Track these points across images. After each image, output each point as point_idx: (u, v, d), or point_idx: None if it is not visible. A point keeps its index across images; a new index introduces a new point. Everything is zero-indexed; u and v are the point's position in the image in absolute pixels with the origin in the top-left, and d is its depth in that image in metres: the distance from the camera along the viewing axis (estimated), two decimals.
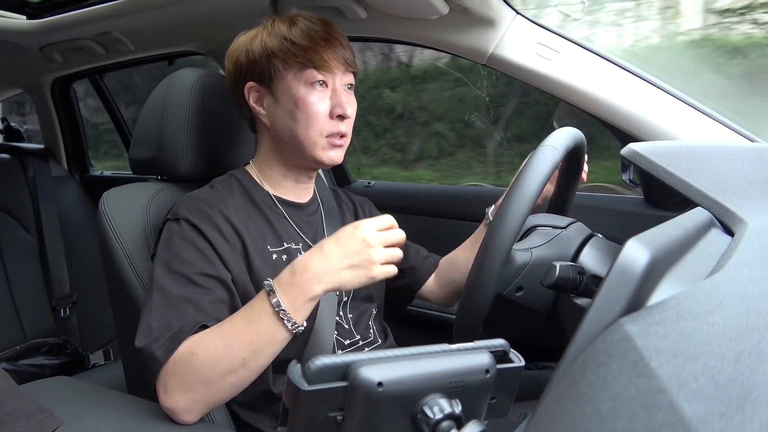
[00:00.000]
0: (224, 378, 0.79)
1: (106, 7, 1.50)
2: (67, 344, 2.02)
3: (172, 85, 1.12)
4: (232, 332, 0.80)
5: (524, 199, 0.72)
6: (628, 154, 0.80)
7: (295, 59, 0.93)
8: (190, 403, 0.79)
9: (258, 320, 0.79)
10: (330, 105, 0.95)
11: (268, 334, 0.79)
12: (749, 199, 0.67)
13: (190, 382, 0.79)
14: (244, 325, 0.80)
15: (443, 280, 1.18)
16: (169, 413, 0.80)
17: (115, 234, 1.03)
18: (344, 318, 1.02)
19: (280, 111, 0.97)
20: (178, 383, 0.79)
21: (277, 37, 0.95)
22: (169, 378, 0.79)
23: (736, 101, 1.25)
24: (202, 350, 0.79)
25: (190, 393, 0.79)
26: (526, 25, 1.18)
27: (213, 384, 0.79)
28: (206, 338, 0.80)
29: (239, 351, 0.79)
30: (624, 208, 1.30)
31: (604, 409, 0.32)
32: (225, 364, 0.78)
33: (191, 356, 0.79)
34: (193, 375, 0.78)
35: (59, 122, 2.35)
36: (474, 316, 0.73)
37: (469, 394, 0.47)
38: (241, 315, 0.82)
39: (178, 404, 0.79)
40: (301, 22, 0.96)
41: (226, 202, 0.96)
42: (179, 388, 0.79)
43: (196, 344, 0.80)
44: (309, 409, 0.43)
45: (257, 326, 0.79)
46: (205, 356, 0.78)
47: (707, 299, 0.41)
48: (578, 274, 0.72)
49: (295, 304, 0.79)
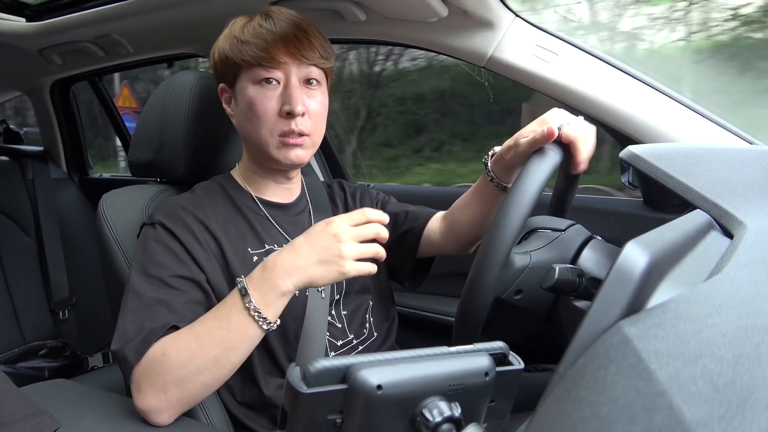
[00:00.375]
0: (196, 377, 0.79)
1: (106, 9, 1.50)
2: (65, 347, 2.01)
3: (171, 87, 1.12)
4: (203, 330, 0.80)
5: (523, 202, 0.72)
6: (627, 157, 0.80)
7: (242, 58, 0.92)
8: (161, 404, 0.79)
9: (229, 317, 0.79)
10: (279, 103, 0.93)
11: (239, 330, 0.79)
12: (748, 201, 0.67)
13: (161, 382, 0.78)
14: (216, 323, 0.80)
15: (451, 234, 1.07)
16: (143, 414, 0.80)
17: (114, 236, 1.03)
18: (337, 317, 1.01)
19: (239, 112, 0.98)
20: (150, 384, 0.78)
21: (230, 38, 0.95)
22: (141, 379, 0.79)
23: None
24: (173, 350, 0.79)
25: (161, 393, 0.78)
26: (525, 27, 1.18)
27: (185, 383, 0.79)
28: (178, 338, 0.80)
29: (211, 349, 0.78)
30: (623, 211, 1.30)
31: (604, 412, 0.32)
32: (197, 363, 0.78)
33: (162, 357, 0.79)
34: (165, 375, 0.78)
35: (58, 124, 2.35)
36: (473, 319, 0.72)
37: (469, 397, 0.47)
38: (212, 313, 0.82)
39: (150, 405, 0.79)
40: (256, 20, 0.95)
41: (204, 208, 0.96)
42: (151, 389, 0.78)
43: (167, 345, 0.80)
44: (308, 412, 0.43)
45: (228, 323, 0.79)
46: (176, 356, 0.78)
47: (706, 302, 0.41)
48: (577, 276, 0.72)
49: (265, 300, 0.78)
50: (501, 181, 0.95)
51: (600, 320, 0.43)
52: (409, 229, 1.11)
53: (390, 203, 1.18)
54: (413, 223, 1.11)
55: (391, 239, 1.11)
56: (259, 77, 0.92)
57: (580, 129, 0.82)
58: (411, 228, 1.11)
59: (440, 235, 1.08)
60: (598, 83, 1.12)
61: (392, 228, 1.11)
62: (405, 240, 1.11)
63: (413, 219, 1.11)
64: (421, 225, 1.10)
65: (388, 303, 1.13)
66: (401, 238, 1.11)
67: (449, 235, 1.07)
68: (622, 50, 1.46)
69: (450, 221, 1.07)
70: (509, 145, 0.89)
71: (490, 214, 1.00)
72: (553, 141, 0.81)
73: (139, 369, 0.79)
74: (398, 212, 1.13)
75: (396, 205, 1.17)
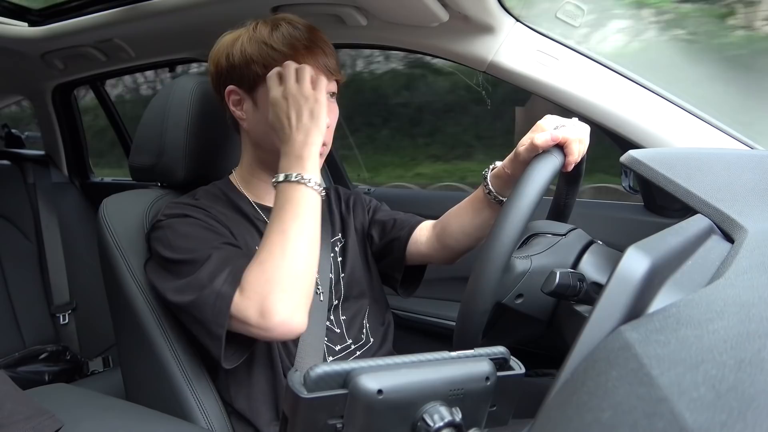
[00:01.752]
0: (298, 261, 0.82)
1: (108, 14, 1.51)
2: (66, 351, 2.01)
3: (171, 92, 1.12)
4: (275, 224, 0.84)
5: (523, 206, 0.72)
6: (627, 161, 0.80)
7: (276, 66, 0.92)
8: (289, 305, 0.80)
9: (288, 199, 0.85)
10: None
11: (302, 199, 0.85)
12: (749, 206, 0.67)
13: (278, 284, 0.80)
14: (279, 211, 0.85)
15: (438, 244, 1.09)
16: (279, 332, 0.80)
17: (115, 241, 1.03)
18: (335, 322, 1.02)
19: (260, 117, 0.97)
20: (267, 294, 0.79)
21: (258, 42, 0.94)
22: (258, 298, 0.79)
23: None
24: (265, 254, 0.82)
25: (283, 294, 0.80)
26: (525, 32, 1.18)
27: (296, 272, 0.82)
28: (261, 249, 0.83)
29: (291, 230, 0.83)
30: (624, 215, 1.30)
31: (605, 418, 0.32)
32: (291, 248, 0.82)
33: (261, 265, 0.81)
34: (276, 275, 0.80)
35: (60, 129, 2.35)
36: (474, 323, 0.72)
37: (470, 402, 0.47)
38: (276, 213, 0.86)
39: (281, 314, 0.79)
40: (283, 27, 0.95)
41: (210, 209, 0.97)
42: (272, 298, 0.79)
43: (256, 258, 0.82)
44: (308, 416, 0.43)
45: (290, 203, 0.85)
46: (270, 256, 0.81)
47: (708, 307, 0.41)
48: (578, 281, 0.71)
49: (313, 169, 0.87)
50: (498, 195, 0.96)
51: (601, 325, 0.43)
52: (396, 237, 1.12)
53: (380, 210, 1.19)
54: (399, 232, 1.12)
55: (380, 247, 1.13)
56: None
57: (573, 130, 0.83)
58: (397, 237, 1.11)
59: (427, 243, 1.09)
60: (599, 88, 1.13)
61: (380, 236, 1.13)
62: (392, 248, 1.12)
63: (400, 228, 1.12)
64: (407, 234, 1.11)
65: (383, 308, 1.14)
66: (389, 246, 1.12)
67: (437, 244, 1.08)
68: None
69: (440, 230, 1.07)
70: (510, 159, 0.91)
71: (482, 227, 1.01)
72: (553, 147, 0.81)
73: (246, 293, 0.80)
74: (386, 220, 1.14)
75: (386, 213, 1.18)
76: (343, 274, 1.07)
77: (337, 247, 1.10)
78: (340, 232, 1.12)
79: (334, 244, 1.09)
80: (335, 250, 1.09)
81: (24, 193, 2.17)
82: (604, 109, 1.11)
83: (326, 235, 1.07)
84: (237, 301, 0.80)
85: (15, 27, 1.72)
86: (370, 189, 1.80)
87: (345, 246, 1.11)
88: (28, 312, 2.03)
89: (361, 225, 1.15)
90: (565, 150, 0.82)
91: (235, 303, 0.80)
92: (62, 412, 0.79)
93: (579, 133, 0.84)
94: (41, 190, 2.20)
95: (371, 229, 1.15)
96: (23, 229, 2.13)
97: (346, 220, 1.14)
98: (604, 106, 1.11)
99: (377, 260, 1.15)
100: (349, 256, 1.09)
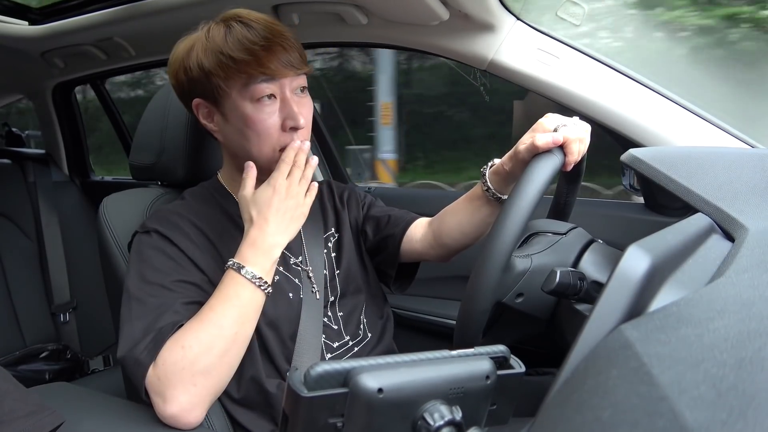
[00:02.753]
0: (222, 360, 0.80)
1: (108, 13, 1.50)
2: (66, 350, 2.01)
3: (172, 91, 1.12)
4: (216, 314, 0.82)
5: (524, 205, 0.72)
6: (628, 160, 0.80)
7: (237, 75, 0.87)
8: (193, 399, 0.78)
9: (237, 294, 0.83)
10: (281, 118, 0.90)
11: (250, 302, 0.84)
12: (750, 204, 0.67)
13: (188, 376, 0.78)
14: (226, 303, 0.82)
15: (434, 241, 1.07)
16: (174, 421, 0.78)
17: (115, 240, 1.03)
18: (333, 318, 1.02)
19: (231, 129, 0.93)
20: (175, 382, 0.77)
21: (213, 52, 0.88)
22: (163, 381, 0.78)
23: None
24: (193, 341, 0.79)
25: (191, 388, 0.78)
26: (526, 30, 1.18)
27: (213, 370, 0.79)
28: (191, 329, 0.81)
29: (229, 328, 0.81)
30: (624, 214, 1.30)
31: (605, 417, 0.32)
32: (220, 345, 0.80)
33: (183, 350, 0.79)
34: (191, 367, 0.78)
35: (60, 127, 2.35)
36: (474, 322, 0.72)
37: (470, 401, 0.47)
38: (217, 298, 0.83)
39: (181, 405, 0.78)
40: (236, 30, 0.88)
41: (198, 213, 0.96)
42: (179, 388, 0.77)
43: (183, 338, 0.80)
44: (309, 415, 0.43)
45: (238, 299, 0.83)
46: (198, 344, 0.79)
47: (708, 305, 0.41)
48: (579, 280, 0.71)
49: (264, 268, 0.86)
50: (497, 192, 0.95)
51: (601, 324, 0.43)
52: (390, 234, 1.10)
53: (375, 206, 1.18)
54: (394, 228, 1.11)
55: (374, 243, 1.12)
56: (258, 95, 0.88)
57: (574, 130, 0.83)
58: (392, 233, 1.10)
59: (422, 240, 1.08)
60: (600, 86, 1.13)
61: (375, 232, 1.13)
62: (386, 244, 1.11)
63: (394, 224, 1.11)
64: (401, 231, 1.10)
65: (380, 302, 1.13)
66: (383, 243, 1.12)
67: (433, 241, 1.07)
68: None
69: (436, 227, 1.06)
70: (509, 156, 0.90)
71: (479, 225, 1.00)
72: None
73: (158, 371, 0.78)
74: (381, 216, 1.13)
75: (380, 209, 1.17)
76: (339, 270, 1.06)
77: (331, 242, 1.09)
78: (334, 227, 1.11)
79: (327, 239, 1.09)
80: (328, 246, 1.08)
81: (24, 192, 2.17)
82: (605, 107, 1.11)
83: (318, 232, 1.07)
84: (150, 374, 0.79)
85: (15, 25, 1.72)
86: (370, 188, 1.80)
87: (340, 241, 1.10)
88: (28, 311, 2.04)
89: (356, 220, 1.14)
90: (565, 150, 0.82)
91: (148, 376, 0.79)
92: (63, 411, 0.79)
93: (579, 132, 0.83)
94: (42, 189, 2.20)
95: (365, 224, 1.14)
96: (24, 228, 2.13)
97: (341, 215, 1.13)
98: (605, 104, 1.11)
99: (371, 256, 1.15)
100: (344, 252, 1.09)
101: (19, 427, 0.66)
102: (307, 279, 1.01)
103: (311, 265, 1.02)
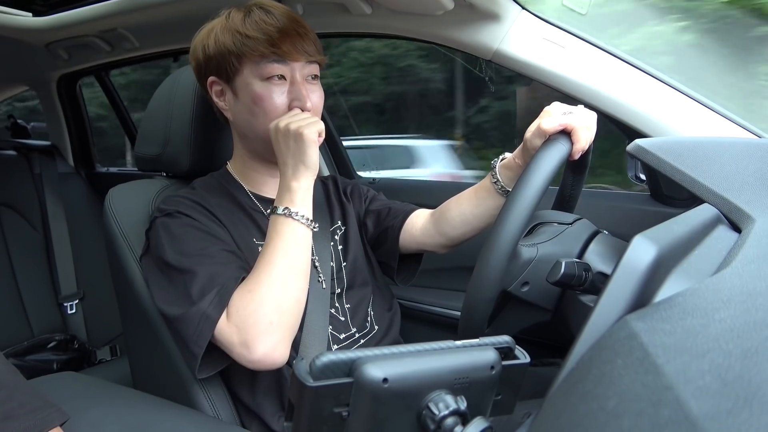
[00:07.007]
0: (288, 294, 0.84)
1: (112, 4, 1.50)
2: (73, 340, 2.03)
3: (176, 82, 1.12)
4: (265, 257, 0.86)
5: (531, 193, 0.72)
6: (634, 150, 0.79)
7: (250, 54, 0.91)
8: (275, 337, 0.81)
9: (284, 235, 0.87)
10: (288, 98, 0.94)
11: (298, 238, 0.88)
12: (757, 195, 0.67)
13: (263, 316, 0.81)
14: (272, 245, 0.86)
15: (435, 231, 1.08)
16: (261, 364, 0.82)
17: (121, 230, 1.04)
18: (340, 310, 1.02)
19: (240, 107, 0.97)
20: (253, 325, 0.80)
21: (231, 31, 0.93)
22: (244, 328, 0.80)
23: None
24: (256, 286, 0.82)
25: (269, 327, 0.81)
26: (531, 20, 1.17)
27: (283, 305, 0.83)
28: (252, 276, 0.84)
29: (282, 264, 0.84)
30: (630, 205, 1.29)
31: (611, 406, 0.32)
32: (280, 281, 0.84)
33: (251, 294, 0.82)
34: (264, 307, 0.81)
35: (65, 119, 2.36)
36: (479, 312, 0.72)
37: (475, 391, 0.47)
38: (268, 244, 0.87)
39: (266, 345, 0.80)
40: (256, 14, 0.93)
41: (209, 201, 0.97)
42: (258, 329, 0.80)
43: (247, 286, 0.83)
44: (314, 404, 0.43)
45: (285, 239, 0.87)
46: (263, 286, 0.82)
47: (714, 296, 0.41)
48: (584, 270, 0.71)
49: (304, 205, 0.89)
50: (505, 185, 0.96)
51: (607, 314, 0.43)
52: (389, 226, 1.12)
53: (376, 200, 1.20)
54: (393, 220, 1.12)
55: (374, 235, 1.13)
56: (268, 74, 0.92)
57: (580, 118, 0.83)
58: (391, 225, 1.11)
59: (422, 230, 1.09)
60: (606, 76, 1.12)
61: (375, 225, 1.14)
62: (386, 236, 1.12)
63: (394, 216, 1.12)
64: (400, 222, 1.11)
65: (387, 295, 1.14)
66: (383, 235, 1.13)
67: (434, 231, 1.07)
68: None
69: (438, 216, 1.07)
70: (520, 148, 0.91)
71: (482, 217, 1.01)
72: (560, 135, 0.81)
73: (234, 320, 0.81)
74: (381, 209, 1.15)
75: (381, 202, 1.18)
76: (345, 262, 1.07)
77: (337, 235, 1.10)
78: (340, 220, 1.12)
79: (333, 232, 1.10)
80: (335, 238, 1.09)
81: (30, 184, 2.18)
82: (611, 97, 1.10)
83: (325, 224, 1.08)
84: (221, 326, 0.81)
85: (19, 17, 1.72)
86: (374, 179, 1.80)
87: (346, 234, 1.11)
88: (35, 301, 2.05)
89: (358, 214, 1.16)
90: (572, 137, 0.82)
91: (219, 328, 0.81)
92: (70, 400, 0.80)
93: (586, 120, 0.83)
94: (47, 181, 2.21)
95: (366, 218, 1.15)
96: (30, 219, 2.14)
97: (347, 208, 1.14)
98: (611, 94, 1.10)
99: (373, 249, 1.15)
100: (351, 244, 1.10)
101: (27, 422, 0.67)
102: (314, 268, 1.01)
103: (317, 254, 1.03)
